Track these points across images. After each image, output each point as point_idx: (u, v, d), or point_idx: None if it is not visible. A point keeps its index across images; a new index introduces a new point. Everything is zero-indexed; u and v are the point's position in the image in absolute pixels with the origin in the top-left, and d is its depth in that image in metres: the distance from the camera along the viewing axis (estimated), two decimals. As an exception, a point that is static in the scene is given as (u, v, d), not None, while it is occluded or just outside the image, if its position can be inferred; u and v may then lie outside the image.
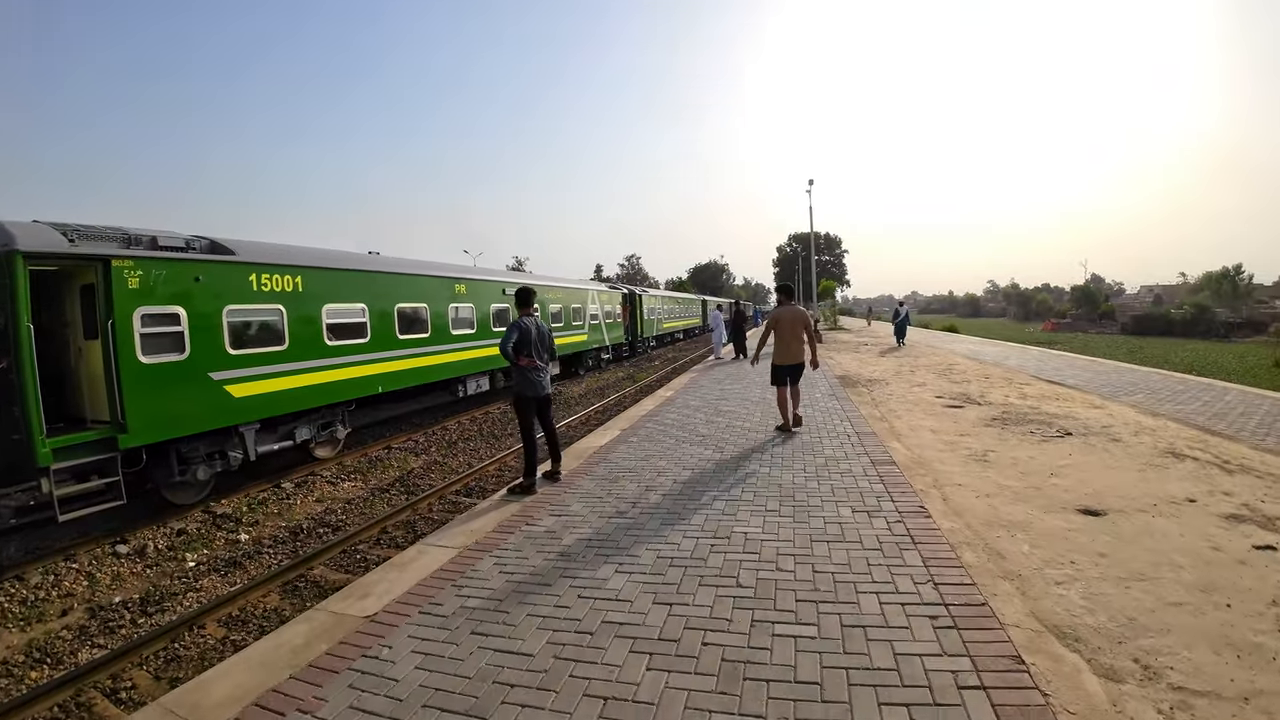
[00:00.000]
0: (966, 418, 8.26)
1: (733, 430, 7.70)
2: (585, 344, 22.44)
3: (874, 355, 17.87)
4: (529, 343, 5.77)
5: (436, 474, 11.09)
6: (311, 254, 11.07)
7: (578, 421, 14.46)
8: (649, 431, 7.98)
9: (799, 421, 7.66)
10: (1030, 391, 10.56)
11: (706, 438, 7.34)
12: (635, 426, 8.41)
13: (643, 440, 7.46)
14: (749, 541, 4.09)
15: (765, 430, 7.61)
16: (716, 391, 11.36)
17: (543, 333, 5.95)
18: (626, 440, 7.54)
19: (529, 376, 5.82)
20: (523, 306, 6.01)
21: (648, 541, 4.23)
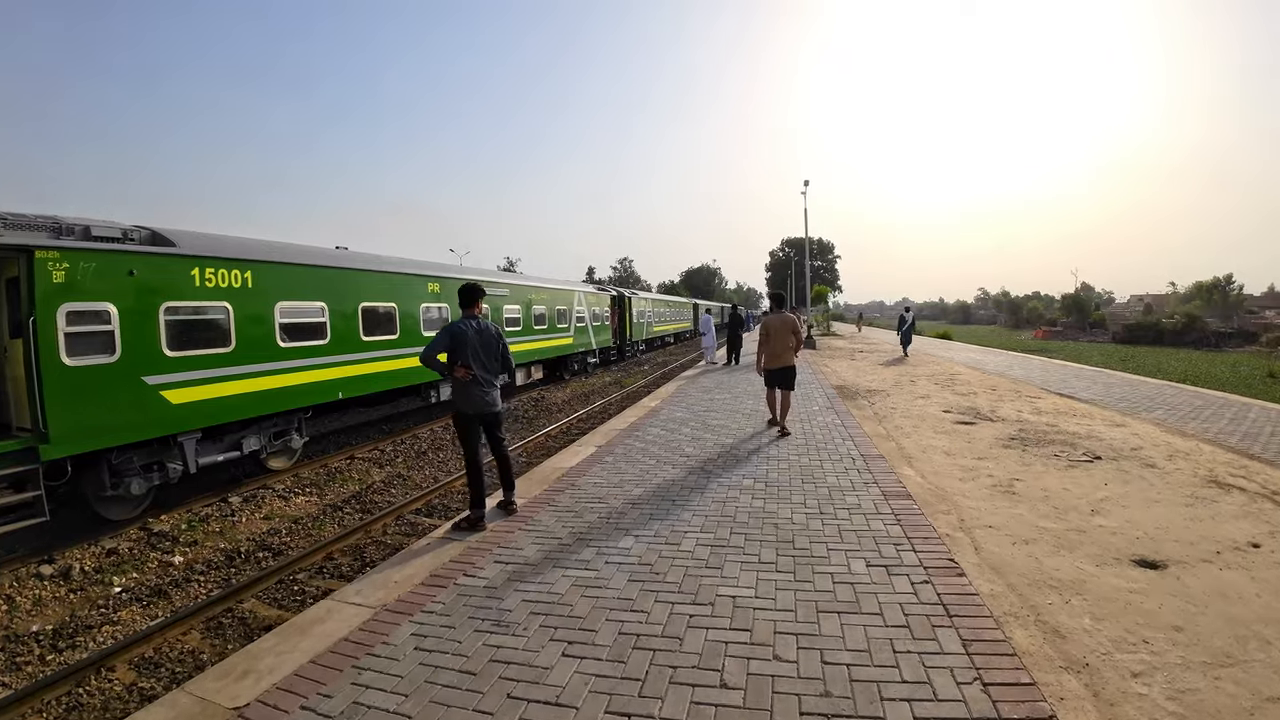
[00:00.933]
0: (981, 437, 7.42)
1: (721, 449, 6.81)
2: (570, 347, 21.52)
3: (871, 363, 17.06)
4: (466, 349, 4.86)
5: (398, 489, 10.17)
6: (263, 247, 10.10)
7: (558, 430, 13.56)
8: (627, 450, 7.07)
9: (785, 433, 7.66)
10: (1044, 406, 9.75)
11: (691, 459, 6.44)
12: (613, 443, 7.50)
13: (619, 461, 6.56)
14: (738, 611, 3.19)
15: (757, 449, 6.73)
16: (704, 402, 10.47)
17: (489, 338, 5.04)
18: (601, 460, 6.64)
19: (468, 390, 4.91)
20: (466, 306, 5.10)
21: (610, 608, 3.32)
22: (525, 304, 17.76)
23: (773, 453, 6.45)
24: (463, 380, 4.89)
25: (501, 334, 5.20)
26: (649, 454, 6.77)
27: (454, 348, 4.89)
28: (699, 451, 6.74)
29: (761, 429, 7.89)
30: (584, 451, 7.16)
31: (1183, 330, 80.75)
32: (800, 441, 6.95)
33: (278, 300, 9.99)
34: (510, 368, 5.29)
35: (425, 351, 4.74)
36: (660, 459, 6.51)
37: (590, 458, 6.80)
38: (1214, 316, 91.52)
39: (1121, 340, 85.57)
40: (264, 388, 9.78)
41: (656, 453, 6.81)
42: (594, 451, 7.10)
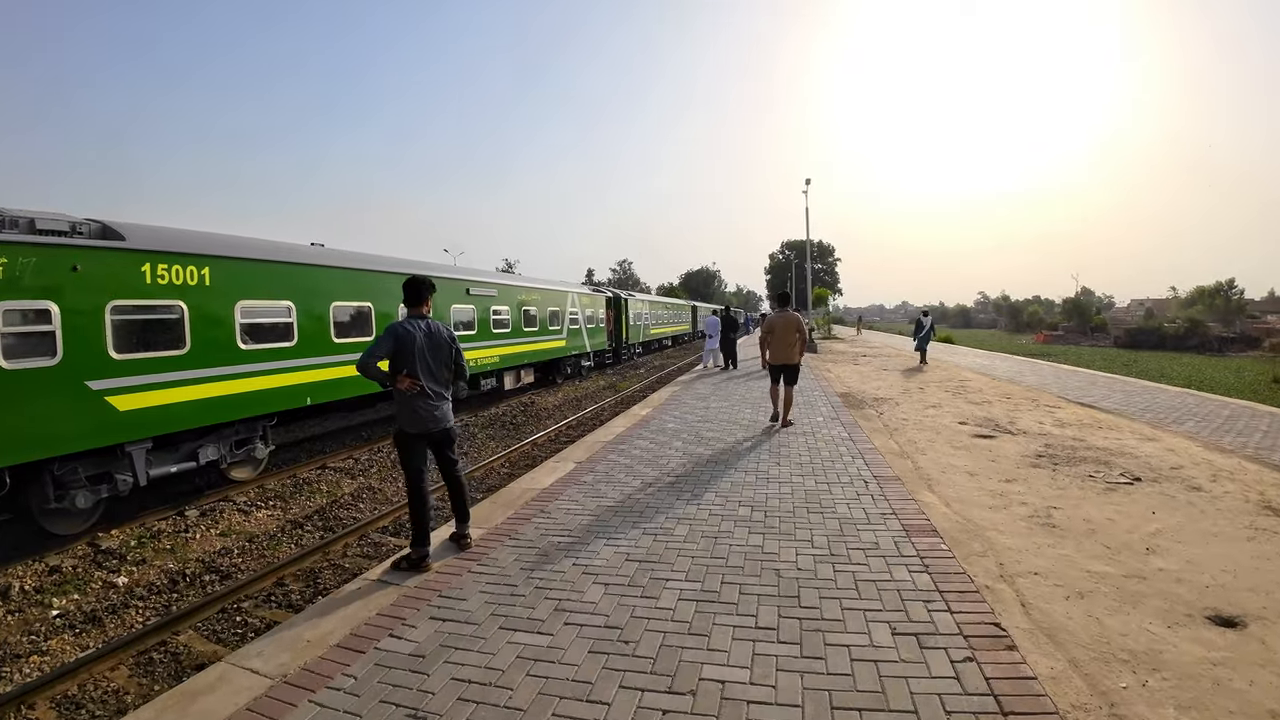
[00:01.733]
0: (1004, 453, 6.66)
1: (714, 467, 6.04)
2: (563, 350, 20.76)
3: (875, 369, 16.29)
4: (412, 355, 4.11)
5: (368, 502, 9.44)
6: (223, 241, 9.34)
7: (545, 439, 12.82)
8: (610, 467, 6.31)
9: (788, 424, 8.16)
10: (1065, 417, 9.00)
11: (680, 479, 5.67)
12: (595, 458, 6.74)
13: (600, 481, 5.78)
14: (726, 705, 2.42)
15: (755, 467, 5.96)
16: (699, 411, 9.70)
17: (439, 343, 4.29)
18: (579, 480, 5.86)
19: (413, 405, 4.16)
20: (412, 304, 4.36)
21: (560, 695, 2.55)
22: (515, 305, 17.01)
23: (773, 473, 5.68)
24: (407, 393, 4.13)
25: (454, 337, 4.44)
26: (633, 472, 6.00)
27: (397, 353, 4.14)
28: (689, 470, 5.96)
29: (760, 441, 7.15)
30: (562, 468, 6.39)
31: (1185, 335, 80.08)
32: (805, 458, 6.18)
33: (239, 299, 9.26)
34: (464, 376, 4.54)
35: (363, 358, 3.98)
36: (645, 479, 5.73)
37: (568, 476, 6.03)
38: (1215, 321, 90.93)
39: (1123, 345, 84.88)
40: (223, 393, 9.05)
41: (642, 471, 6.04)
42: (573, 469, 6.33)
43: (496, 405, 16.90)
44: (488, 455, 11.99)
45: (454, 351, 4.39)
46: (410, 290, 4.31)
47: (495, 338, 15.85)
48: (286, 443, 12.37)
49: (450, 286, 14.11)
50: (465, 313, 14.68)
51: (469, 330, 14.77)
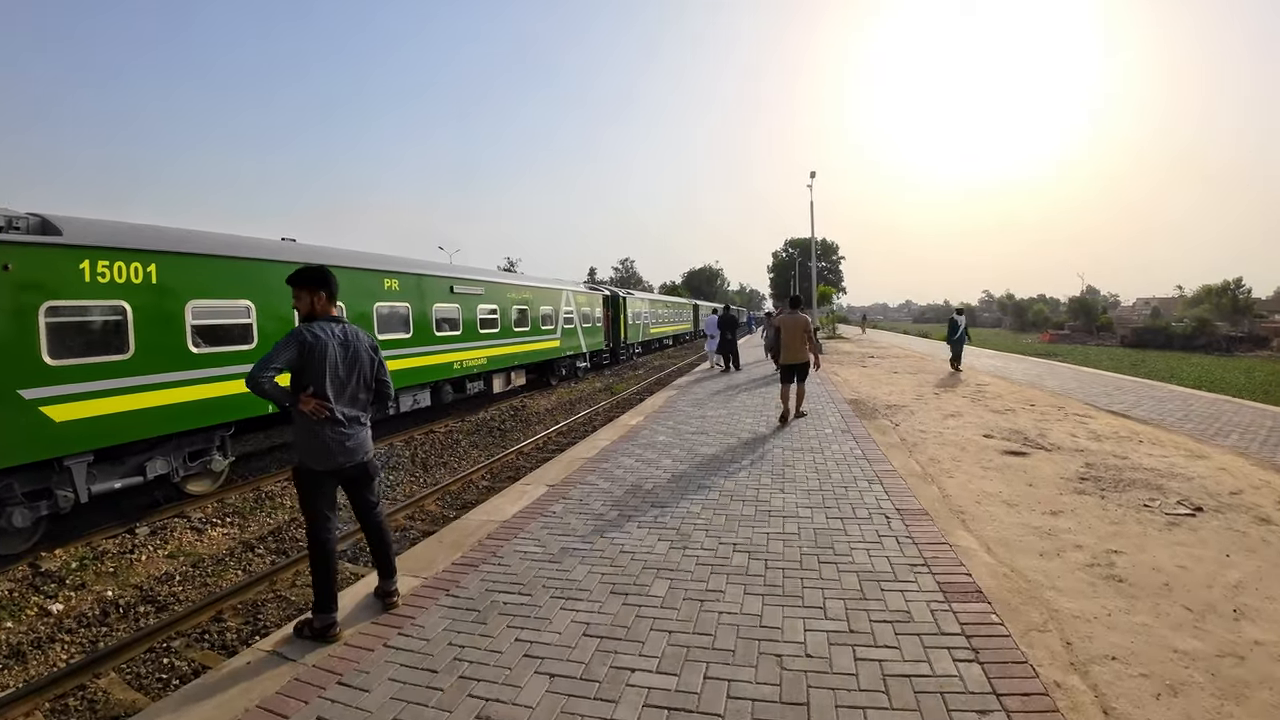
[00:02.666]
0: (1042, 475, 5.78)
1: (708, 495, 5.15)
2: (557, 351, 19.91)
3: (885, 371, 15.39)
4: (320, 370, 3.27)
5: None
6: (173, 236, 8.51)
7: (531, 447, 12.00)
8: (586, 492, 5.44)
9: (801, 415, 8.65)
10: (1100, 429, 8.11)
11: (665, 512, 4.78)
12: (571, 480, 5.88)
13: (571, 512, 4.92)
14: None
15: (755, 495, 5.08)
16: (694, 421, 8.82)
17: (357, 354, 3.43)
18: (547, 509, 5.00)
19: (317, 433, 3.31)
20: (313, 305, 3.48)
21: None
22: (504, 304, 16.16)
23: (776, 504, 4.79)
24: (312, 417, 3.27)
25: (376, 346, 3.58)
26: (612, 501, 5.13)
27: (302, 366, 3.28)
28: (678, 498, 5.09)
29: (762, 458, 6.29)
30: (530, 493, 5.53)
31: (1193, 334, 78.97)
32: (813, 483, 5.30)
33: (190, 298, 8.48)
34: (388, 397, 3.68)
35: (254, 370, 3.13)
36: (624, 509, 4.87)
37: (535, 504, 5.17)
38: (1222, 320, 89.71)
39: (1130, 344, 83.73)
40: (172, 401, 8.27)
41: (621, 498, 5.16)
42: (543, 494, 5.47)
43: (485, 409, 16.07)
44: (468, 466, 11.17)
45: (375, 365, 3.53)
46: (303, 280, 3.43)
47: (483, 338, 15.01)
48: (256, 450, 11.58)
49: (432, 284, 13.26)
50: (449, 312, 13.84)
51: (453, 330, 13.92)
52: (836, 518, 4.39)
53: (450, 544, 4.41)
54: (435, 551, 4.28)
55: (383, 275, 11.94)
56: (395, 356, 12.16)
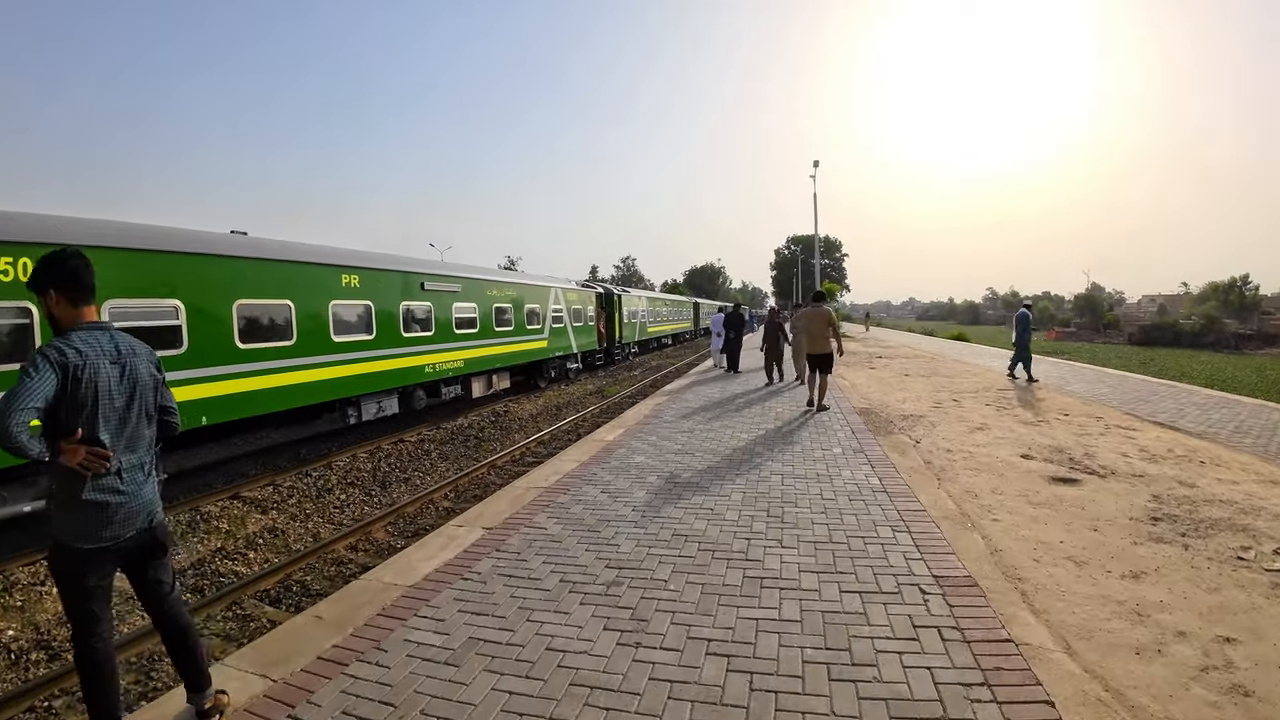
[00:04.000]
0: (1105, 513, 4.62)
1: (685, 548, 3.96)
2: (545, 352, 18.77)
3: (895, 373, 14.19)
4: (87, 404, 2.16)
5: (264, 549, 7.58)
6: (75, 229, 7.37)
7: (506, 459, 10.93)
8: (527, 541, 4.28)
9: (823, 409, 8.94)
10: (1150, 444, 6.95)
11: (627, 576, 3.61)
12: (514, 522, 4.72)
13: (497, 575, 3.74)
14: None
15: (744, 550, 3.91)
16: (681, 436, 7.65)
17: (134, 372, 2.31)
18: (468, 570, 3.83)
19: (84, 497, 2.19)
20: (66, 309, 2.32)
21: None
22: (484, 302, 15.01)
23: (772, 566, 3.60)
24: (85, 473, 2.15)
25: (159, 363, 2.44)
26: (555, 556, 3.96)
27: (63, 402, 2.15)
28: (642, 555, 3.90)
29: (756, 487, 5.12)
30: (461, 538, 4.38)
31: (1201, 332, 77.67)
32: (821, 532, 4.11)
33: (104, 299, 7.36)
34: (173, 429, 2.55)
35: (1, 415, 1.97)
36: (569, 571, 3.70)
37: (457, 560, 4.00)
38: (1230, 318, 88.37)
39: (1138, 342, 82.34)
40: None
41: (568, 553, 3.99)
42: (475, 540, 4.32)
43: (465, 415, 14.95)
44: (433, 482, 10.06)
45: (159, 389, 2.39)
46: (46, 275, 2.28)
47: (459, 339, 13.87)
48: (205, 463, 10.48)
49: (399, 281, 12.12)
50: (420, 310, 12.70)
51: (425, 331, 12.79)
52: (854, 591, 3.21)
53: (332, 621, 3.27)
54: (307, 635, 3.14)
55: (340, 270, 10.81)
56: (355, 360, 11.05)
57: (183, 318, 8.28)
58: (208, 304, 8.59)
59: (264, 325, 9.49)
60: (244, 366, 9.06)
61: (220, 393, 8.81)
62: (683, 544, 3.98)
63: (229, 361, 8.85)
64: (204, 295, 8.56)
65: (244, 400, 9.12)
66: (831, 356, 8.97)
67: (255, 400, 9.30)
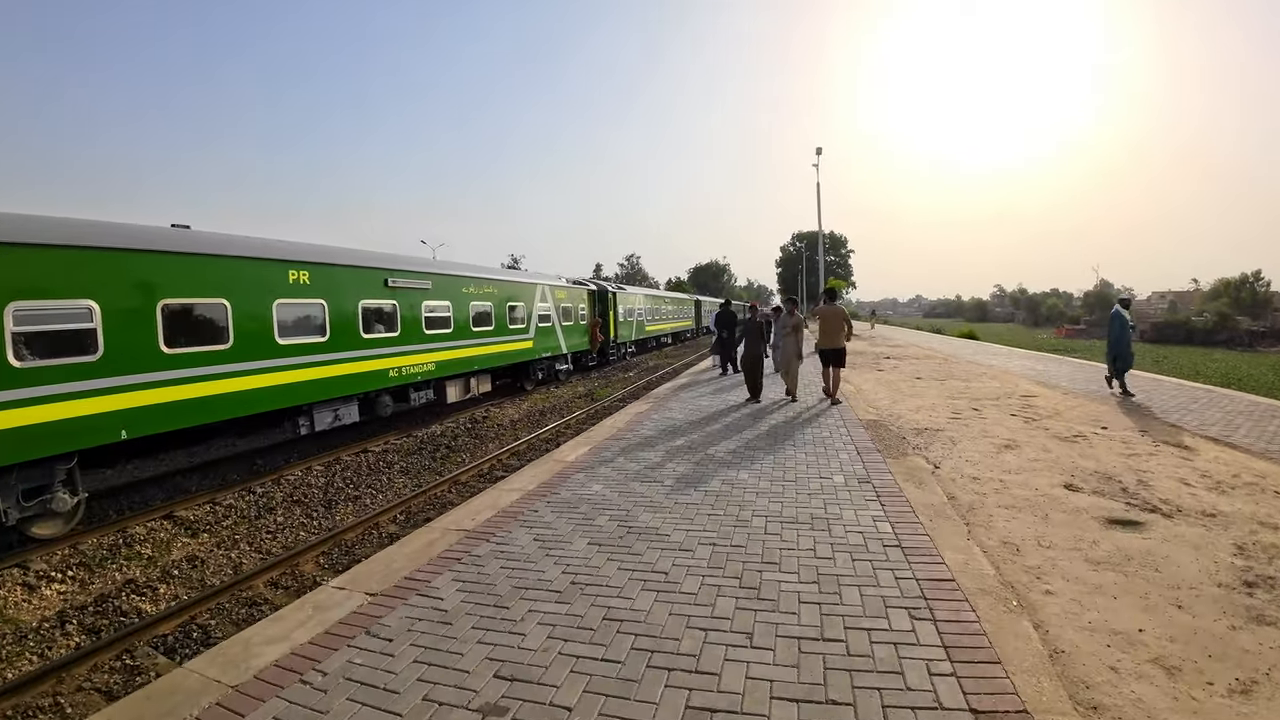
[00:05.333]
0: (1185, 576, 3.50)
1: (618, 643, 2.83)
2: (531, 353, 17.69)
3: (907, 377, 13.02)
4: None
5: (182, 582, 6.68)
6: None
7: (472, 474, 9.89)
8: (416, 614, 3.20)
9: (836, 401, 9.39)
10: (1213, 469, 5.81)
11: (516, 692, 2.52)
12: (410, 583, 3.64)
13: (357, 678, 2.66)
14: None
15: (697, 648, 2.81)
16: (656, 454, 6.52)
17: None
18: (318, 664, 2.75)
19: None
20: None
21: None
22: (458, 300, 13.92)
23: (730, 683, 2.48)
24: None
25: None
26: (433, 656, 2.84)
27: None
28: (546, 662, 2.74)
29: (731, 537, 4.01)
30: (330, 611, 3.31)
31: (1214, 329, 75.99)
32: (809, 617, 2.95)
33: (9, 301, 6.47)
34: None
35: None
36: (441, 685, 2.60)
37: (308, 647, 2.92)
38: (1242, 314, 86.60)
39: (1150, 339, 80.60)
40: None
41: (452, 651, 2.86)
42: (346, 615, 3.25)
43: (440, 422, 13.89)
44: (386, 500, 9.02)
45: None
46: None
47: (429, 340, 12.79)
48: (120, 485, 9.45)
49: (357, 277, 11.03)
50: (383, 309, 11.63)
51: (389, 331, 11.72)
52: None
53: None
54: None
55: (286, 266, 9.74)
56: (306, 364, 10.00)
57: (98, 320, 7.31)
58: (128, 305, 7.63)
59: (195, 327, 8.47)
60: (171, 374, 8.05)
61: (143, 403, 7.82)
62: (612, 637, 2.85)
63: (153, 368, 7.86)
64: (123, 295, 7.60)
65: (172, 411, 8.11)
66: (844, 351, 9.56)
67: (186, 411, 8.28)
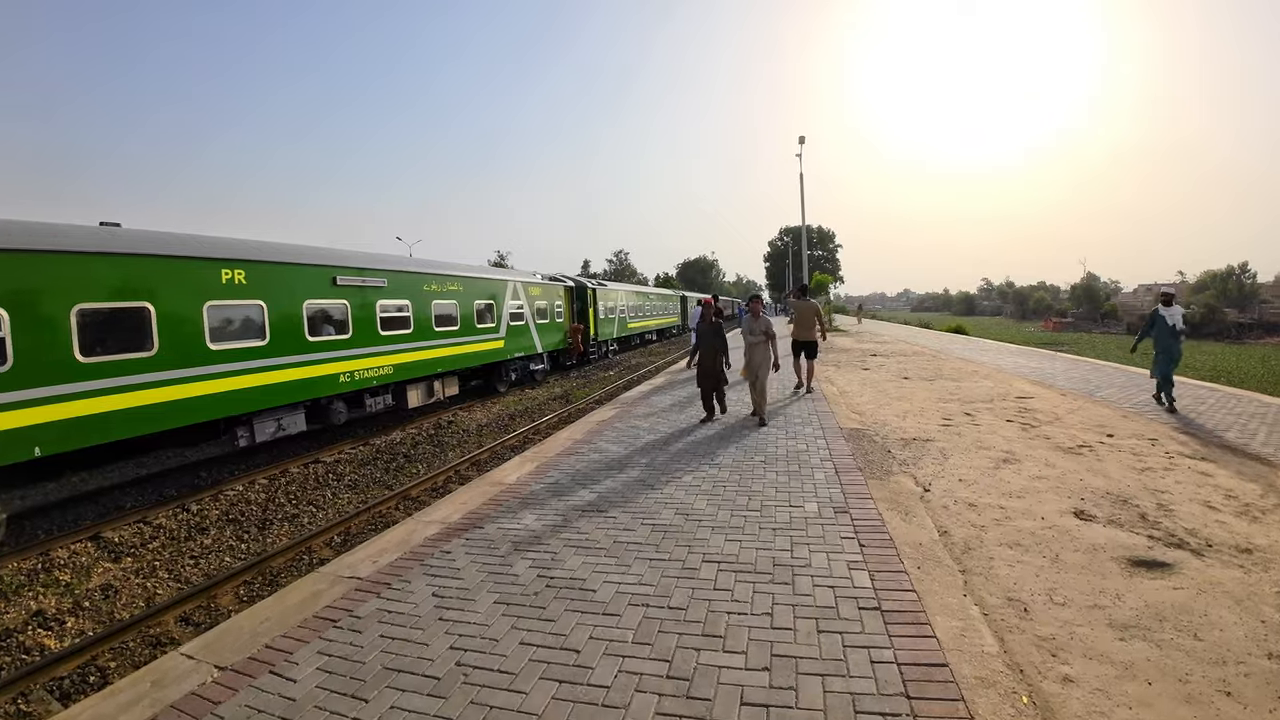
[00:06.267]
0: (1229, 645, 2.77)
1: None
2: (502, 353, 16.84)
3: (893, 376, 12.30)
4: None
5: (88, 617, 6.13)
6: None
7: (425, 487, 9.08)
8: (261, 703, 2.43)
9: (810, 391, 10.08)
10: (1236, 487, 5.10)
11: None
12: (272, 651, 2.88)
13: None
14: None
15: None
16: (602, 479, 5.75)
17: None
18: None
19: None
20: None
21: None
22: (418, 299, 13.05)
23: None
24: None
25: None
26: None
27: None
28: None
29: (665, 601, 3.25)
30: (166, 689, 2.53)
31: (1201, 322, 76.14)
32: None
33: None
34: None
35: None
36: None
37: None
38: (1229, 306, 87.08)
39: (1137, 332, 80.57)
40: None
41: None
42: (181, 697, 2.47)
43: (402, 428, 13.05)
44: (324, 521, 8.21)
45: None
46: None
47: (386, 341, 11.93)
48: (44, 504, 8.59)
49: (300, 276, 10.15)
50: (332, 310, 10.76)
51: (339, 334, 10.86)
52: None
53: None
54: None
55: (219, 265, 8.87)
56: (243, 371, 9.14)
57: (6, 330, 6.52)
58: (37, 311, 6.89)
59: (114, 334, 7.68)
60: (89, 384, 7.29)
61: (57, 417, 7.05)
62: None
63: (68, 379, 7.11)
64: (31, 300, 6.84)
65: (90, 425, 7.34)
66: (817, 343, 10.29)
67: (107, 424, 7.50)
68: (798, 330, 10.26)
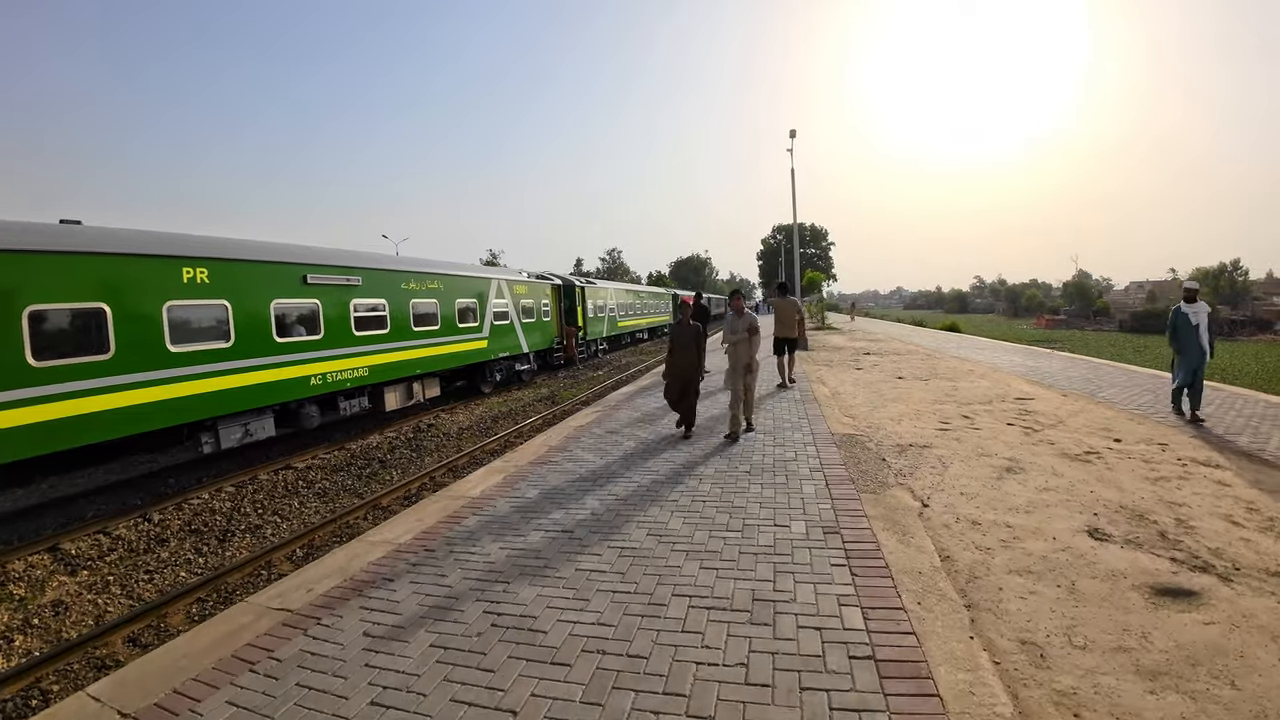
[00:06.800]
0: (1272, 691, 2.37)
1: None
2: (485, 353, 16.38)
3: (888, 376, 11.91)
4: None
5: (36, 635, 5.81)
6: None
7: (398, 497, 8.63)
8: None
9: (791, 382, 10.83)
10: (1258, 499, 4.72)
11: None
12: (181, 699, 2.46)
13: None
14: None
15: None
16: (572, 494, 5.33)
17: None
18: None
19: None
20: None
21: None
22: (396, 298, 12.57)
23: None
24: None
25: None
26: None
27: None
28: None
29: (610, 680, 2.83)
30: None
31: (1196, 320, 76.07)
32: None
33: None
34: None
35: None
36: None
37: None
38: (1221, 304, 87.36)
39: (1129, 329, 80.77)
40: None
41: None
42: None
43: (381, 431, 12.58)
44: (288, 533, 7.79)
45: None
46: None
47: (360, 342, 11.46)
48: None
49: (268, 274, 9.66)
50: (303, 309, 10.28)
51: (310, 334, 10.38)
52: None
53: None
54: None
55: (179, 263, 8.39)
56: (206, 374, 8.67)
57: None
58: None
59: (68, 336, 7.24)
60: (41, 390, 6.87)
61: (9, 424, 6.62)
62: None
63: (18, 384, 6.68)
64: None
65: (43, 432, 6.92)
66: (796, 341, 11.01)
67: (59, 432, 7.08)
68: (778, 328, 10.75)
